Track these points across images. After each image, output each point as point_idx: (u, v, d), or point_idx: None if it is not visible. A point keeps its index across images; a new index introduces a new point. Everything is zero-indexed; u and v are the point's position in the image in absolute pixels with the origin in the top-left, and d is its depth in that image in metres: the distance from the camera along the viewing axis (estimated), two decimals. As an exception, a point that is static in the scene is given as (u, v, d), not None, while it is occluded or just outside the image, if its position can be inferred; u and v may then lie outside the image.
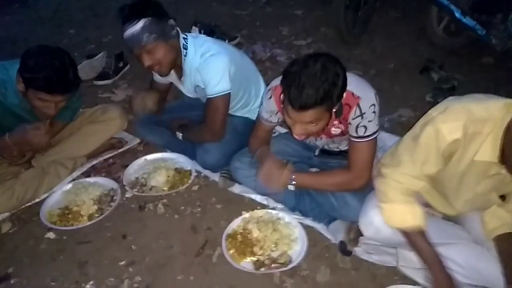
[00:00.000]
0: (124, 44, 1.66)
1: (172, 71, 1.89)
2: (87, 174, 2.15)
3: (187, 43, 1.80)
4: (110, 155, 2.27)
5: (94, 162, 2.21)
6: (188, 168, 2.11)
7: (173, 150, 2.23)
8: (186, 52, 1.80)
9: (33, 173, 1.97)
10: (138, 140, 2.36)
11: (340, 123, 1.56)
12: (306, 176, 1.67)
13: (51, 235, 1.78)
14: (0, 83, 1.72)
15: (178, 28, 1.77)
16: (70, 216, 1.83)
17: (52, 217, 1.85)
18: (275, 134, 2.02)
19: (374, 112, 1.48)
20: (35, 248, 1.73)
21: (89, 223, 1.81)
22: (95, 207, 1.88)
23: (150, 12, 1.61)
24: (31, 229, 1.83)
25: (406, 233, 1.37)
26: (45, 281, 1.58)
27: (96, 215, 1.85)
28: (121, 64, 3.06)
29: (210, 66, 1.78)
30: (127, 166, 2.14)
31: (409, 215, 1.34)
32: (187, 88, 1.99)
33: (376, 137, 1.53)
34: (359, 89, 1.47)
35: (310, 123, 1.38)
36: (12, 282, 1.59)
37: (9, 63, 1.78)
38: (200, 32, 3.24)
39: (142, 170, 2.12)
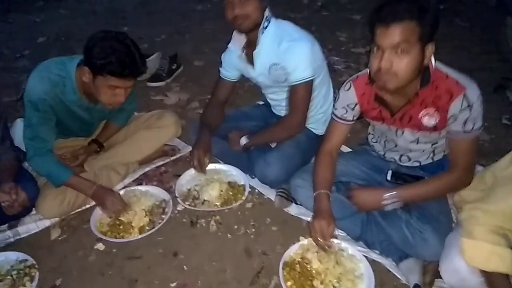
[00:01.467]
0: None
1: (243, 54, 1.84)
2: (138, 181, 2.08)
3: (270, 17, 1.75)
4: (162, 162, 2.19)
5: (147, 169, 2.14)
6: (242, 183, 2.00)
7: (225, 161, 2.12)
8: (267, 25, 1.74)
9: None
10: (190, 148, 2.26)
11: (437, 110, 1.40)
12: (408, 188, 1.50)
13: (100, 246, 1.71)
14: (59, 79, 1.67)
15: None
16: (121, 227, 1.75)
17: (102, 226, 1.78)
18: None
19: (480, 104, 1.35)
20: (84, 260, 1.66)
21: (140, 236, 1.72)
22: (147, 218, 1.79)
23: None
24: (81, 237, 1.77)
25: (487, 275, 1.22)
26: (93, 298, 1.51)
27: (148, 228, 1.76)
28: (174, 66, 2.99)
29: (295, 51, 1.72)
30: (179, 175, 2.06)
31: (497, 257, 1.19)
32: (258, 69, 1.85)
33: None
34: (461, 78, 1.36)
35: (398, 51, 1.25)
36: (59, 295, 1.53)
37: (67, 58, 1.73)
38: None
39: (194, 182, 2.02)
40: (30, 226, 1.80)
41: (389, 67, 1.27)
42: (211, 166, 2.09)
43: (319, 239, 1.48)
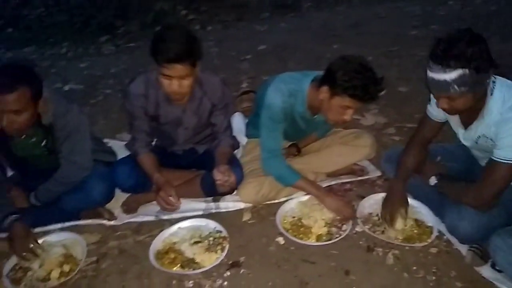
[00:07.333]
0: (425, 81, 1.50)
1: (457, 117, 1.68)
2: (324, 192, 2.17)
3: (494, 88, 1.52)
4: (348, 180, 2.23)
5: (333, 183, 2.21)
6: (430, 225, 1.86)
7: (415, 196, 2.00)
8: (491, 98, 1.52)
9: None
10: (379, 173, 2.24)
11: None
12: None
13: (281, 240, 1.86)
14: (292, 92, 1.88)
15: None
16: (302, 229, 1.87)
17: (286, 223, 1.93)
18: None
19: None
20: (266, 247, 1.84)
21: (317, 243, 1.80)
22: (326, 229, 1.87)
23: (473, 63, 1.37)
24: (266, 227, 1.96)
25: None
26: (267, 285, 1.65)
27: (324, 238, 1.83)
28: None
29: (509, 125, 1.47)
30: (362, 197, 2.06)
31: None
32: (468, 135, 1.69)
33: None
34: None
35: None
36: (241, 271, 1.72)
37: (301, 74, 1.94)
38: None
39: (378, 207, 1.98)
40: (229, 204, 2.10)
41: None
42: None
43: None
